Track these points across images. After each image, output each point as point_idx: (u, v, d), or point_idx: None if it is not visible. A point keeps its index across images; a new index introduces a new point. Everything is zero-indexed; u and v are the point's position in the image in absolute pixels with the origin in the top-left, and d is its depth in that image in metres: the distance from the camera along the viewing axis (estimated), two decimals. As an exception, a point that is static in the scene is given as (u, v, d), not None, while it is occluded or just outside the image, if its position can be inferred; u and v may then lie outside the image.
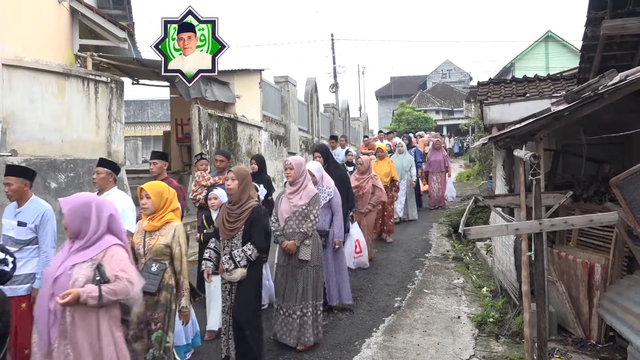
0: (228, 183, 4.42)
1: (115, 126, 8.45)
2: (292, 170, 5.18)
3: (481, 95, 8.74)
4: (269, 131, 14.14)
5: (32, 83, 7.40)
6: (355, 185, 8.07)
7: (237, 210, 4.40)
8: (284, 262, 5.16)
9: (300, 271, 5.08)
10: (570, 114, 4.31)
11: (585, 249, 5.49)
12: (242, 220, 4.37)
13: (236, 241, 4.39)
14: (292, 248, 5.05)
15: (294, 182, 5.19)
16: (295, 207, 5.10)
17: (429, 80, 57.29)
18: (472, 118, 24.77)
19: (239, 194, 4.41)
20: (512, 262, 5.63)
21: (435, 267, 8.29)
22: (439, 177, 13.76)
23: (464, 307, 6.37)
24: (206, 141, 10.38)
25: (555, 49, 33.72)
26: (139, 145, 28.19)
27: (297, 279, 5.07)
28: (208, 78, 11.00)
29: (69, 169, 7.47)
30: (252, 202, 4.43)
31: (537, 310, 3.87)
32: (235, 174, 4.44)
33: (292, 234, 5.08)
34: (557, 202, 4.10)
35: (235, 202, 4.43)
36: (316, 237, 5.22)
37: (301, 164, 5.27)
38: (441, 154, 13.84)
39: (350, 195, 6.85)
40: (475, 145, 7.67)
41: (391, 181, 9.70)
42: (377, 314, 6.13)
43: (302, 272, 5.08)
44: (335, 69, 34.26)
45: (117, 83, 8.62)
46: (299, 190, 5.17)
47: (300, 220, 5.08)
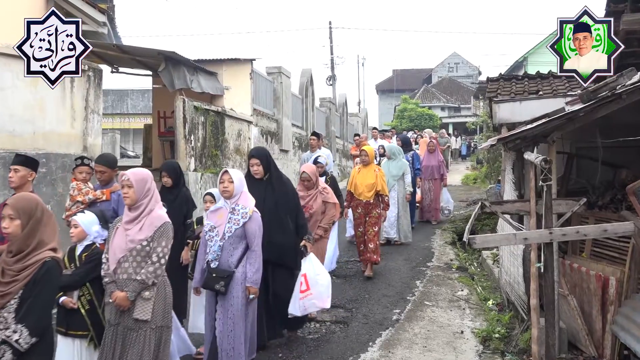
0: (4, 225, 3.18)
1: (92, 118, 8.44)
2: (130, 189, 4.00)
3: (490, 92, 8.78)
4: (259, 126, 14.14)
5: (2, 70, 7.38)
6: None
7: (16, 266, 3.11)
8: (115, 319, 3.97)
9: (135, 335, 3.91)
10: (585, 114, 4.36)
11: (599, 261, 5.53)
12: (19, 282, 3.08)
13: (7, 314, 3.05)
14: (124, 302, 3.88)
15: (134, 205, 4.00)
16: (133, 243, 3.94)
17: (434, 74, 57.40)
18: (480, 116, 24.86)
19: (24, 239, 3.13)
20: (521, 273, 5.67)
21: (437, 277, 8.32)
22: (432, 185, 12.59)
23: (468, 321, 6.40)
24: (191, 136, 10.38)
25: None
26: (117, 138, 28.04)
27: (130, 345, 3.90)
28: (194, 67, 11.01)
29: (41, 164, 7.44)
30: (45, 253, 3.15)
31: (546, 326, 3.91)
32: (16, 208, 3.16)
33: (127, 281, 3.92)
34: (569, 209, 4.14)
35: (16, 253, 3.14)
36: (163, 286, 4.03)
37: (145, 180, 4.08)
38: (436, 158, 12.85)
39: (300, 219, 5.61)
40: (482, 146, 7.62)
41: (377, 196, 8.10)
42: (373, 327, 6.15)
43: (137, 337, 3.91)
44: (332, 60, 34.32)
45: (95, 71, 8.61)
46: (139, 218, 4.00)
47: (139, 261, 3.93)
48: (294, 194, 5.68)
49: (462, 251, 10.03)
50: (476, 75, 54.21)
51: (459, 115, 44.91)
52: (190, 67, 10.79)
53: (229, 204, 4.66)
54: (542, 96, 7.67)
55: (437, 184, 12.62)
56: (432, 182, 12.58)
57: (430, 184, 12.57)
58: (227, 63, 12.82)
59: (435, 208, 12.65)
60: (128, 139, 36.15)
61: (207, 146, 11.15)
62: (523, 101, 7.51)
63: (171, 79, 10.17)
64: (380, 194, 8.07)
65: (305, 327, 6.07)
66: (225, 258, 4.61)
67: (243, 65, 13.03)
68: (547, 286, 3.81)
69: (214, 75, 12.27)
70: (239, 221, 4.60)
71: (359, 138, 14.48)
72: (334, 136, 22.32)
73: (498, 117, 7.54)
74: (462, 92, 49.70)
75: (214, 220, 4.69)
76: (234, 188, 4.63)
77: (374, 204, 8.07)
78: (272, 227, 5.13)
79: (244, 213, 4.62)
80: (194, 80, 10.85)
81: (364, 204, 8.06)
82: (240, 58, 12.96)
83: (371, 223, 8.08)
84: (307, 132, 18.94)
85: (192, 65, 10.95)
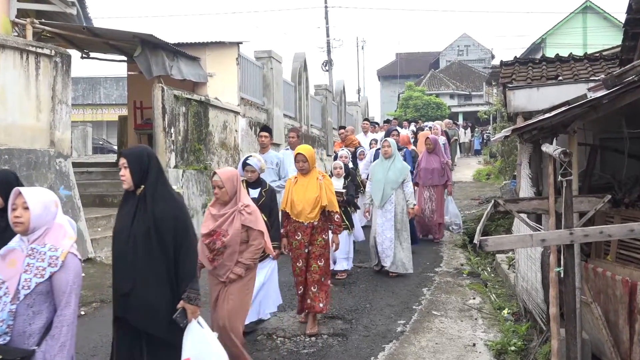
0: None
1: (60, 109, 8.41)
2: None
3: (504, 78, 8.79)
4: (247, 117, 14.13)
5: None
6: (205, 233, 5.02)
7: None
8: None
9: None
10: (609, 102, 4.35)
11: (626, 265, 5.53)
12: None
13: None
14: None
15: None
16: None
17: (442, 58, 57.49)
18: (493, 104, 24.91)
19: None
20: (539, 279, 5.68)
21: (446, 284, 8.34)
22: (434, 194, 11.09)
23: (481, 332, 6.41)
24: (171, 129, 10.36)
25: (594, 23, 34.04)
26: (88, 132, 28.05)
27: None
28: (174, 52, 10.98)
29: (2, 161, 7.42)
30: None
31: (567, 337, 3.91)
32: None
33: None
34: (592, 207, 4.14)
35: None
36: None
37: None
38: (438, 158, 11.21)
39: (185, 261, 4.04)
40: (496, 137, 7.51)
41: (323, 213, 6.42)
42: (375, 340, 6.14)
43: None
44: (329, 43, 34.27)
45: (63, 57, 8.58)
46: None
47: None
48: (180, 218, 4.04)
49: (474, 255, 10.05)
50: (489, 59, 54.30)
51: (469, 104, 44.98)
52: (169, 51, 10.77)
53: (25, 242, 3.28)
54: (562, 82, 7.68)
55: (439, 192, 11.14)
56: (434, 190, 11.12)
57: (431, 191, 11.12)
58: (211, 47, 12.80)
59: (438, 222, 11.16)
60: (101, 132, 36.12)
61: (190, 140, 11.14)
62: (540, 87, 7.51)
63: (148, 65, 10.14)
64: (329, 211, 6.44)
65: (300, 341, 6.07)
66: (19, 329, 3.20)
67: (229, 49, 13.01)
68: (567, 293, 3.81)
69: (196, 61, 12.25)
70: (44, 271, 3.20)
71: (344, 132, 13.34)
72: (331, 128, 22.31)
73: (513, 106, 7.55)
74: (473, 77, 49.78)
75: (2, 272, 3.24)
76: (30, 217, 3.23)
77: (320, 227, 6.40)
78: (136, 270, 3.88)
79: (52, 257, 3.23)
80: (174, 67, 10.83)
81: (305, 228, 6.34)
82: (226, 41, 12.95)
83: (315, 255, 6.37)
84: (301, 123, 18.94)
85: (172, 50, 10.92)
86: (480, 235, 4.21)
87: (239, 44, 13.20)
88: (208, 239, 4.97)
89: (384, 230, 8.52)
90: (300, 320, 6.62)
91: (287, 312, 6.89)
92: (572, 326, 3.81)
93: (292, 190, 6.48)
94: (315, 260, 6.37)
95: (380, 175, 8.56)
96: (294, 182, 6.54)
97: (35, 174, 7.81)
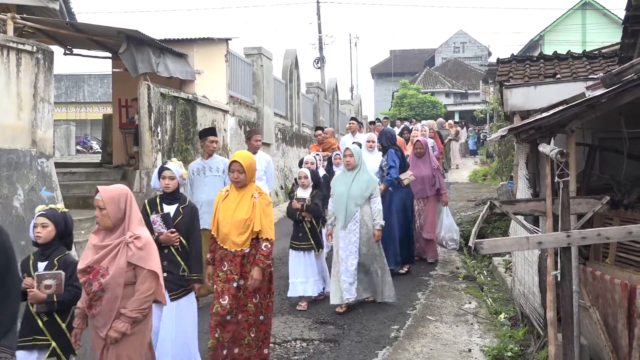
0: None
1: (42, 107, 8.36)
2: None
3: (501, 76, 8.80)
4: (236, 116, 14.10)
5: None
6: (81, 268, 4.02)
7: None
8: None
9: None
10: (608, 100, 4.37)
11: (625, 268, 5.56)
12: None
13: None
14: None
15: None
16: None
17: (437, 55, 57.60)
18: (490, 103, 24.98)
19: None
20: (536, 282, 5.70)
21: (441, 288, 8.35)
22: (426, 205, 9.69)
23: (476, 337, 6.43)
24: (157, 128, 10.33)
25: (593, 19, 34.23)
26: (72, 131, 27.92)
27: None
28: (161, 48, 10.95)
29: (-18, 161, 7.37)
30: None
31: (565, 343, 3.93)
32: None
33: None
34: (590, 209, 4.17)
35: None
36: None
37: None
38: (428, 164, 9.72)
39: None
40: (492, 137, 7.45)
41: (254, 240, 5.22)
42: (368, 346, 6.15)
43: None
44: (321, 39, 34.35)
45: (45, 53, 8.53)
46: None
47: None
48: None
49: (470, 258, 10.07)
50: (485, 57, 54.49)
51: (466, 102, 45.08)
52: (155, 48, 10.73)
53: None
54: (560, 80, 7.70)
55: (431, 204, 9.70)
56: (424, 202, 9.67)
57: (422, 203, 9.67)
58: (199, 43, 12.76)
59: (430, 239, 9.69)
60: (85, 131, 35.94)
61: (177, 139, 11.10)
62: (538, 86, 7.53)
63: (134, 62, 10.10)
64: (260, 238, 5.19)
65: (290, 347, 6.07)
66: None
67: (217, 46, 12.97)
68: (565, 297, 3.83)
69: (183, 58, 12.22)
70: None
71: (321, 133, 11.91)
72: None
73: (510, 104, 7.56)
74: (470, 75, 49.90)
75: None
76: None
77: (253, 255, 5.20)
78: None
79: None
80: (161, 63, 10.79)
81: (232, 257, 5.19)
82: (214, 37, 12.91)
83: (248, 292, 5.19)
84: (292, 123, 18.94)
85: (158, 46, 10.88)
86: (476, 237, 4.23)
87: (228, 40, 13.17)
88: (84, 278, 3.96)
89: (347, 256, 7.11)
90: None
91: (277, 316, 6.88)
92: (569, 331, 3.83)
93: (220, 207, 5.30)
94: (249, 297, 5.19)
95: (342, 189, 7.20)
96: (224, 195, 5.35)
97: (16, 174, 7.76)
